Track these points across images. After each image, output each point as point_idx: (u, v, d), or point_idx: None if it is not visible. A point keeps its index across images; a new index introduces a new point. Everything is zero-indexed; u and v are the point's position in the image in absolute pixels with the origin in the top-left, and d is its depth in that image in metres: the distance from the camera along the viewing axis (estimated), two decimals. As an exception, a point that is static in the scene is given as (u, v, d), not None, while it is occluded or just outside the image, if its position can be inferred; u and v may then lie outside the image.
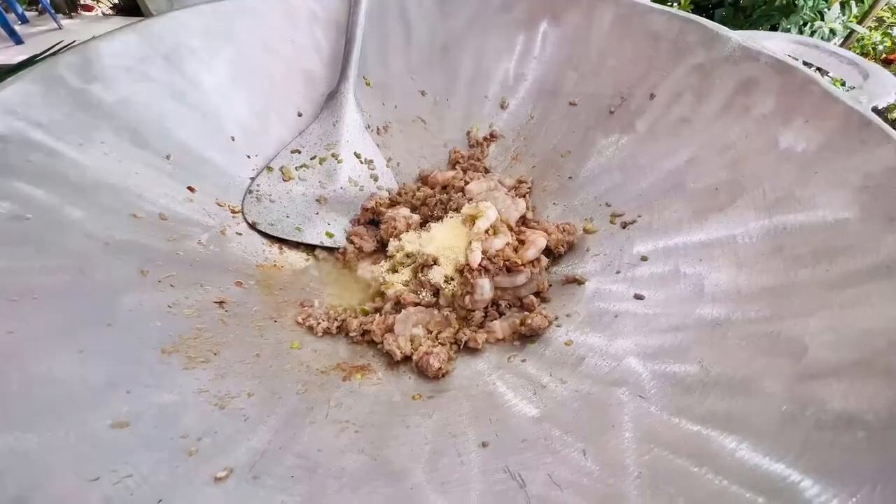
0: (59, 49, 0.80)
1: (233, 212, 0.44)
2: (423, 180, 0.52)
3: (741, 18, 1.86)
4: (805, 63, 0.39)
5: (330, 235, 0.45)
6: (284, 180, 0.45)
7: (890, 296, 0.23)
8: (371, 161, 0.49)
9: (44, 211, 0.32)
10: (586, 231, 0.44)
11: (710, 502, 0.19)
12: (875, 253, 0.25)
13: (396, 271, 0.42)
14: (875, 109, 0.33)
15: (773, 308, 0.27)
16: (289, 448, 0.26)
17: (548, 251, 0.42)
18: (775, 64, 0.38)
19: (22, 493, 0.19)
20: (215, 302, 0.36)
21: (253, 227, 0.43)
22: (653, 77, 0.46)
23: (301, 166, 0.46)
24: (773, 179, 0.34)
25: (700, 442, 0.22)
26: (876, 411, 0.19)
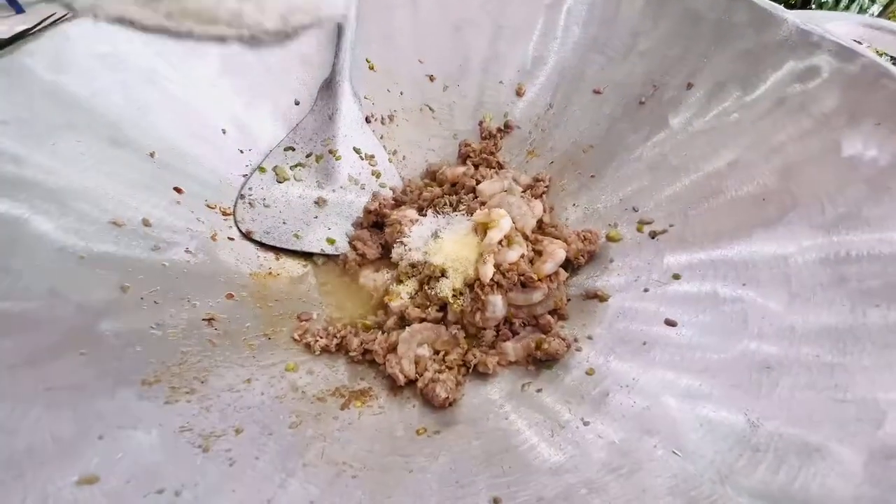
0: (55, 20, 0.76)
1: (224, 214, 0.40)
2: (431, 176, 0.48)
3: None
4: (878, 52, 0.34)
5: (331, 242, 0.41)
6: (279, 182, 0.42)
7: None
8: (372, 156, 0.45)
9: (8, 225, 0.29)
10: (610, 239, 0.40)
11: None
12: (968, 296, 0.21)
13: (402, 282, 0.39)
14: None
15: (836, 354, 0.23)
16: (278, 499, 0.23)
17: (567, 262, 0.38)
18: (840, 52, 0.33)
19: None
20: (204, 319, 0.33)
21: (247, 236, 0.40)
22: (691, 63, 0.41)
23: (296, 165, 0.42)
24: (833, 192, 0.29)
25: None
26: None
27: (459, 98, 0.50)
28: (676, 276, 0.34)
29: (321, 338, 0.35)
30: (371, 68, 0.49)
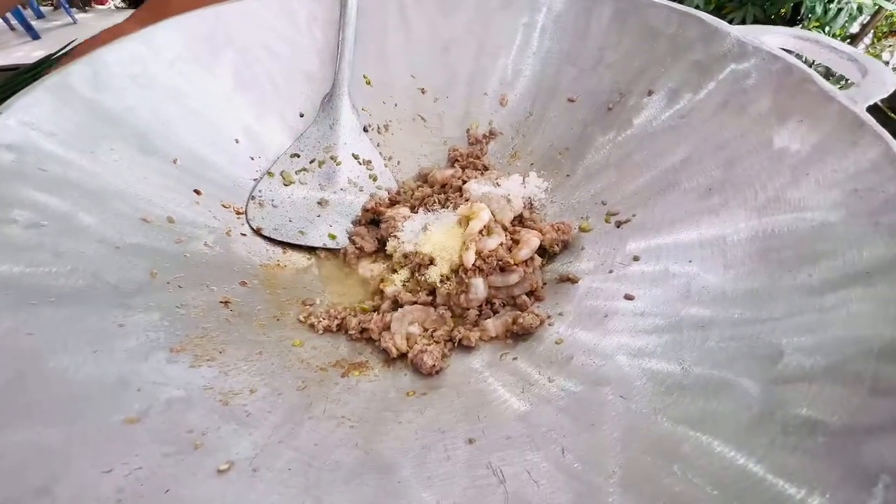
0: (73, 47, 0.82)
1: (237, 213, 0.45)
2: (423, 178, 0.53)
3: (762, -6, 1.78)
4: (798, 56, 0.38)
5: (332, 237, 0.46)
6: (285, 185, 0.47)
7: (866, 303, 0.23)
8: (369, 161, 0.50)
9: (58, 218, 0.34)
10: (582, 230, 0.44)
11: (678, 499, 0.20)
12: (857, 259, 0.25)
13: (396, 271, 0.44)
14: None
15: (755, 311, 0.27)
16: (287, 442, 0.28)
17: (543, 250, 0.43)
18: (772, 60, 0.37)
19: (45, 483, 0.21)
20: (221, 302, 0.38)
21: (257, 232, 0.45)
22: (651, 73, 0.46)
23: (301, 170, 0.48)
24: (765, 180, 0.34)
25: (675, 441, 0.23)
26: (837, 418, 0.19)
27: (448, 108, 0.55)
28: (636, 259, 0.38)
29: (324, 319, 0.40)
30: (368, 83, 0.54)
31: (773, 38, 0.40)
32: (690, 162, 0.40)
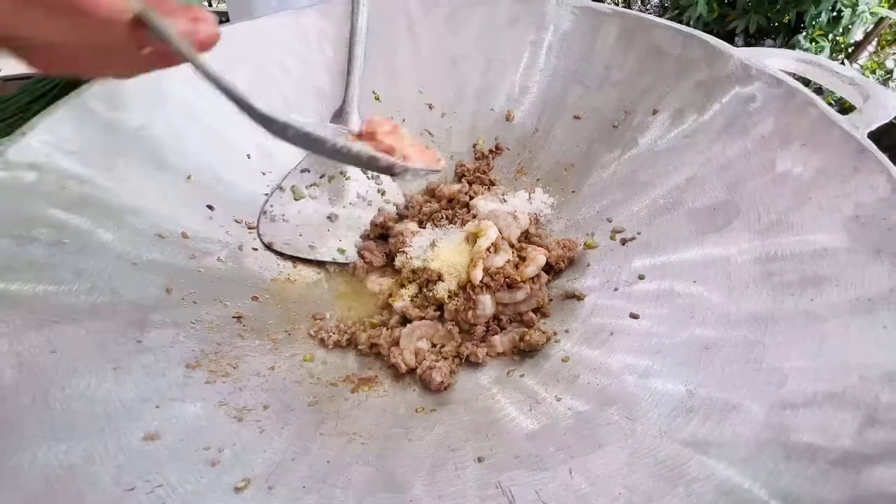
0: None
1: (249, 228, 0.46)
2: (431, 193, 0.54)
3: (766, 5, 1.79)
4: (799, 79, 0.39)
5: (342, 251, 0.47)
6: (296, 199, 0.48)
7: (868, 330, 0.24)
8: (378, 176, 0.51)
9: (78, 235, 0.35)
10: (587, 246, 0.45)
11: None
12: (859, 285, 0.26)
13: (404, 286, 0.44)
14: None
15: (758, 334, 0.28)
16: (301, 459, 0.29)
17: (549, 267, 0.44)
18: (775, 83, 0.38)
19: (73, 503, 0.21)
20: (234, 317, 0.39)
21: (269, 247, 0.45)
22: (656, 92, 0.47)
23: (311, 185, 0.49)
24: (768, 202, 0.34)
25: (680, 463, 0.24)
26: (838, 445, 0.20)
27: (455, 123, 0.56)
28: (641, 277, 0.39)
29: (333, 334, 0.41)
30: (377, 99, 0.55)
31: (776, 60, 0.41)
32: (695, 182, 0.40)
